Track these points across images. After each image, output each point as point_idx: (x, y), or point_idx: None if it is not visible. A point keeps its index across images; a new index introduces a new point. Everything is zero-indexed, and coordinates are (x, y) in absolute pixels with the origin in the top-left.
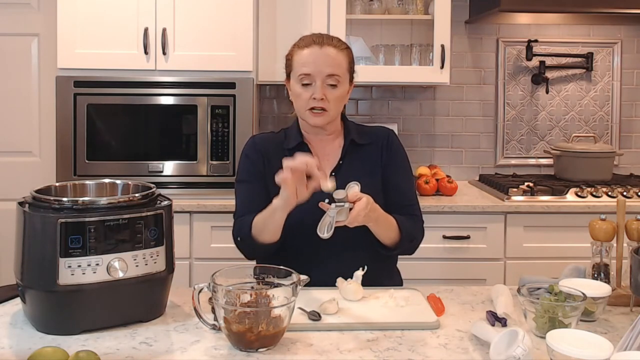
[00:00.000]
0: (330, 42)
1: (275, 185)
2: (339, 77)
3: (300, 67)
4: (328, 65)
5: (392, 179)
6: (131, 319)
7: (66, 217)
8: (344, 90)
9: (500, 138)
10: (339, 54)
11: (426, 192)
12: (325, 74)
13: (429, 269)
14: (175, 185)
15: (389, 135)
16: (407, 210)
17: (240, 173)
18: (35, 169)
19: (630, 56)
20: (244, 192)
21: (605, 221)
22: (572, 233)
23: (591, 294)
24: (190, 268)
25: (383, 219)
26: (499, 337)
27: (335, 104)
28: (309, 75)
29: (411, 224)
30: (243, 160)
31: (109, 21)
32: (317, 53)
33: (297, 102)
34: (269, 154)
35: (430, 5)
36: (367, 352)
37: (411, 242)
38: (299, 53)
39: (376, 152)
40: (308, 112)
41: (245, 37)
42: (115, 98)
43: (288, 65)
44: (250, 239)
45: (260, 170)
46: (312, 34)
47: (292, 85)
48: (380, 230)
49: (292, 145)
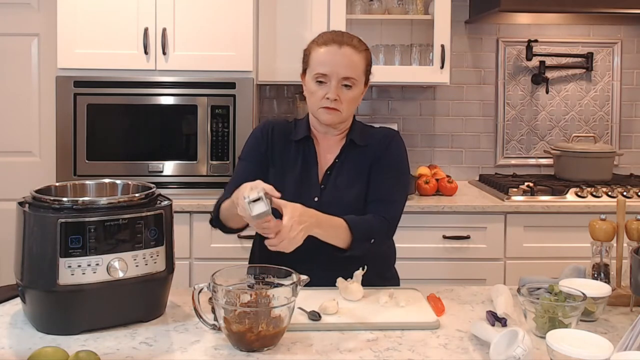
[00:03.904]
0: (350, 43)
1: (274, 169)
2: (355, 79)
3: (316, 66)
4: (345, 66)
5: (374, 173)
6: (131, 319)
7: (66, 217)
8: (359, 92)
9: (500, 138)
10: (357, 56)
11: (426, 192)
12: (341, 76)
13: (429, 269)
14: (175, 185)
15: (391, 137)
16: (375, 206)
17: (243, 151)
18: (35, 169)
19: (630, 56)
20: (239, 170)
21: (605, 221)
22: (572, 233)
23: (591, 294)
24: (190, 268)
25: (325, 222)
26: (499, 337)
27: (348, 105)
28: (324, 75)
29: (368, 224)
30: (251, 139)
31: (109, 21)
32: (335, 52)
33: (311, 99)
34: (276, 140)
35: (430, 5)
36: (367, 352)
37: (370, 241)
38: (317, 50)
39: (373, 153)
40: (321, 109)
41: (245, 37)
42: (115, 98)
43: (305, 61)
44: (219, 221)
45: (262, 152)
46: (332, 32)
47: (307, 81)
48: (326, 233)
49: (299, 138)
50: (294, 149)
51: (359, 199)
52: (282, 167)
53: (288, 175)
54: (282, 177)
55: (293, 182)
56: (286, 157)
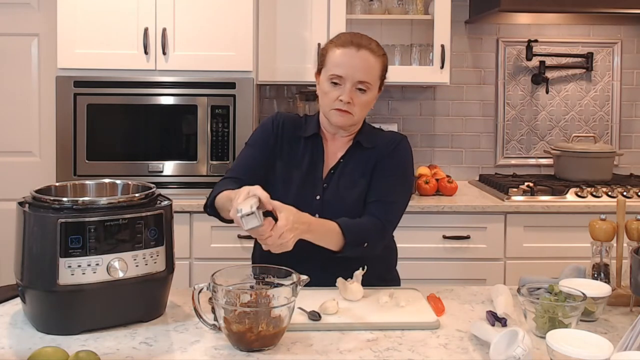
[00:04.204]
0: (368, 46)
1: (282, 163)
2: (370, 84)
3: (332, 67)
4: (361, 70)
5: (376, 175)
6: (131, 319)
7: (66, 217)
8: (372, 97)
9: (500, 138)
10: (374, 60)
11: (426, 192)
12: (356, 79)
13: (429, 269)
14: (175, 185)
15: (398, 141)
16: (373, 206)
17: (251, 137)
18: (35, 169)
19: (630, 56)
20: (243, 155)
21: (605, 221)
22: (572, 233)
23: (591, 294)
24: (190, 268)
25: (318, 227)
26: (499, 337)
27: (361, 109)
28: (340, 77)
29: (362, 228)
30: (260, 128)
31: (109, 21)
32: (352, 55)
33: (324, 99)
34: (285, 135)
35: (430, 5)
36: (367, 352)
37: (363, 245)
38: (334, 51)
39: (378, 155)
40: (333, 111)
41: (245, 37)
42: (115, 98)
43: (321, 61)
44: (213, 209)
45: (269, 144)
46: (351, 33)
47: (321, 81)
48: (318, 238)
49: (307, 135)
50: (302, 145)
51: (360, 199)
52: (290, 162)
53: (294, 171)
54: (289, 172)
55: (298, 179)
56: (294, 153)
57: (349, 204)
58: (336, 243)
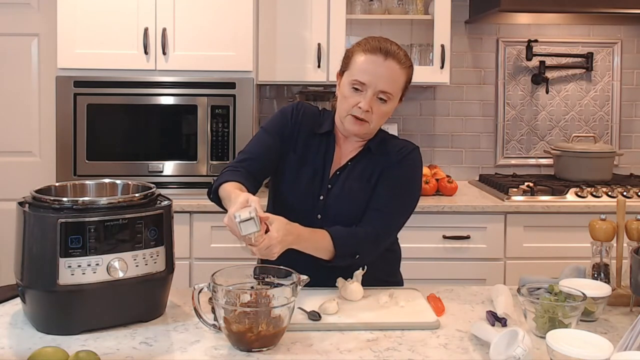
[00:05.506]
0: (396, 57)
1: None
2: (391, 95)
3: (356, 72)
4: (385, 80)
5: (380, 182)
6: (131, 319)
7: (66, 217)
8: (392, 107)
9: (500, 138)
10: (400, 71)
11: (426, 192)
12: (378, 89)
13: (429, 269)
14: (175, 185)
15: (409, 150)
16: (371, 214)
17: (268, 122)
18: (35, 169)
19: (630, 56)
20: (257, 139)
21: (605, 221)
22: (572, 233)
23: (591, 294)
24: (190, 268)
25: (307, 239)
26: (499, 337)
27: (378, 119)
28: (362, 84)
29: (354, 239)
30: (279, 114)
31: (109, 21)
32: (379, 64)
33: (343, 103)
34: (302, 127)
35: (430, 5)
36: (367, 352)
37: (354, 257)
38: (360, 56)
39: (385, 164)
40: (349, 117)
41: (245, 37)
42: (115, 98)
43: (345, 63)
44: (217, 197)
45: (285, 133)
46: (380, 39)
47: (342, 83)
48: (307, 248)
49: (322, 131)
50: (317, 141)
51: (363, 205)
52: (302, 157)
53: (304, 167)
54: (299, 168)
55: (306, 176)
56: (307, 148)
57: (351, 208)
58: (326, 254)
